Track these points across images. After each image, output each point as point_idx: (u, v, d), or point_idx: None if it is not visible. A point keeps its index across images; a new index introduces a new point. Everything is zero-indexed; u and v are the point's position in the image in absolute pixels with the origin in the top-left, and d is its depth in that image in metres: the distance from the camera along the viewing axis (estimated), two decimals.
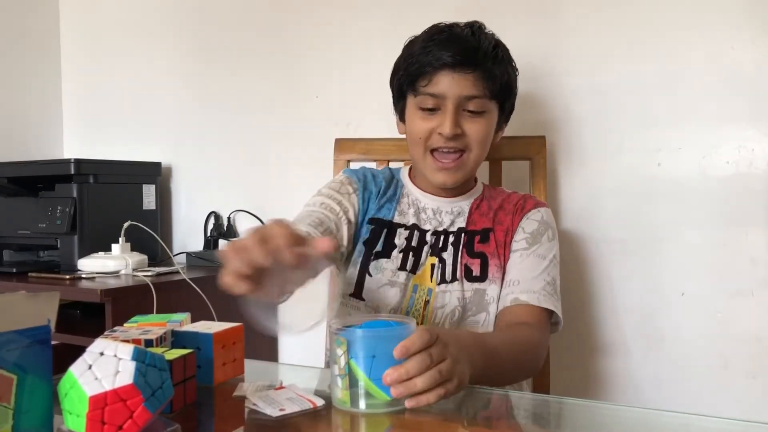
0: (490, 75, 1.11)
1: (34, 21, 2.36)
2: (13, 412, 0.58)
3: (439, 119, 1.12)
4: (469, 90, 1.11)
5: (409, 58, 1.15)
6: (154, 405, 0.61)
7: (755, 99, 1.41)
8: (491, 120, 1.16)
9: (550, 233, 1.20)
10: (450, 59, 1.09)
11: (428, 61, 1.11)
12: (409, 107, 1.18)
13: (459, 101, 1.11)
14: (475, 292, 1.15)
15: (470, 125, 1.13)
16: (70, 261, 1.82)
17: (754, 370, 1.42)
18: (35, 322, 0.61)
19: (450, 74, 1.10)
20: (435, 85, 1.11)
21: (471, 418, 0.80)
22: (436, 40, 1.13)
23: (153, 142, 2.22)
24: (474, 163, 1.17)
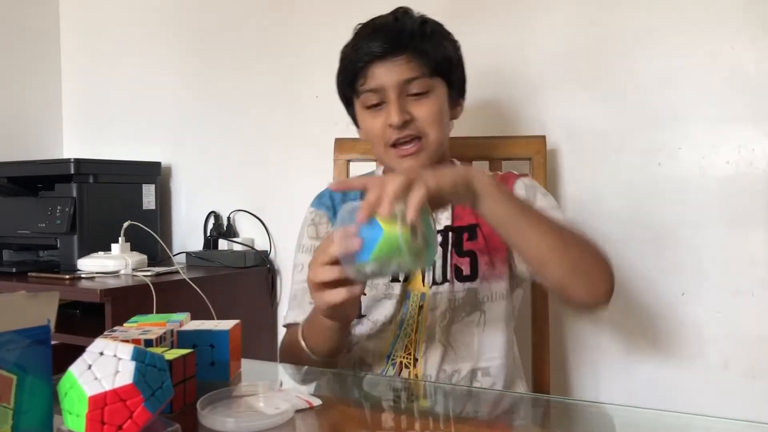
0: (422, 53, 1.09)
1: (34, 21, 2.36)
2: (13, 412, 0.58)
3: (386, 111, 1.10)
4: (406, 73, 1.08)
5: (344, 62, 1.15)
6: (154, 405, 0.61)
7: (755, 99, 1.40)
8: (440, 97, 1.13)
9: (541, 191, 1.19)
10: (378, 49, 1.08)
11: (358, 58, 1.10)
12: (358, 110, 1.17)
13: (399, 88, 1.08)
14: (467, 291, 1.13)
15: (418, 108, 1.10)
16: (70, 261, 1.82)
17: (755, 370, 1.42)
18: (35, 322, 0.60)
19: (382, 65, 1.08)
20: (372, 80, 1.09)
21: (470, 417, 0.80)
22: (361, 35, 1.13)
23: (153, 142, 2.22)
24: (436, 144, 1.13)
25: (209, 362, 0.84)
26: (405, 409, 0.73)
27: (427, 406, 0.76)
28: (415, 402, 0.85)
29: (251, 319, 1.85)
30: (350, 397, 0.87)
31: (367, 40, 1.10)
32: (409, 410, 0.73)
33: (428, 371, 1.11)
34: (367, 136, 1.17)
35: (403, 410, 0.74)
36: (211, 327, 0.87)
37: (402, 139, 1.10)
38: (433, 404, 0.80)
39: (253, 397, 0.77)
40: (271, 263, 1.99)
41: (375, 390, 0.89)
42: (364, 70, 1.10)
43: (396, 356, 1.12)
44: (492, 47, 1.64)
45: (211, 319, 0.92)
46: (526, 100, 1.62)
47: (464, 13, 1.67)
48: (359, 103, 1.14)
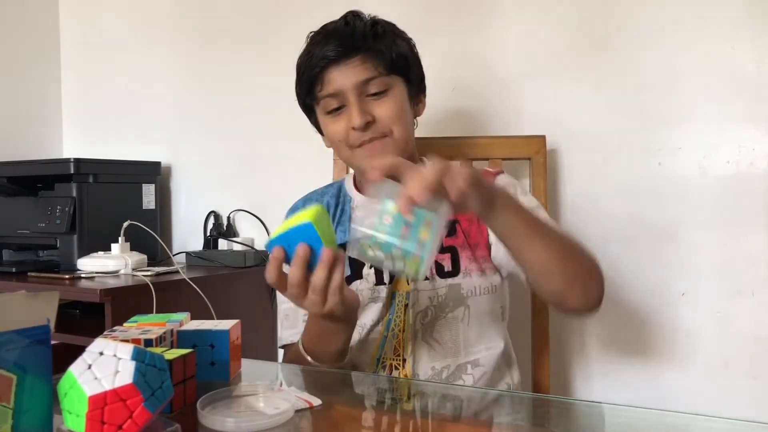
0: (375, 53, 1.09)
1: (34, 21, 2.36)
2: (13, 412, 0.58)
3: (347, 114, 1.10)
4: (362, 74, 1.08)
5: (299, 70, 1.15)
6: (154, 405, 0.61)
7: (755, 99, 1.40)
8: (399, 95, 1.12)
9: (518, 189, 1.17)
10: (331, 53, 1.08)
11: (313, 65, 1.10)
12: (319, 116, 1.16)
13: (358, 89, 1.09)
14: (450, 287, 1.12)
15: (379, 108, 1.10)
16: (70, 261, 1.82)
17: (755, 370, 1.42)
18: (35, 321, 0.60)
19: (337, 68, 1.09)
20: (329, 85, 1.10)
21: (470, 418, 0.80)
22: (313, 42, 1.13)
23: (152, 142, 2.22)
24: (402, 141, 1.12)
25: (209, 362, 0.84)
26: (404, 409, 0.73)
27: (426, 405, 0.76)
28: (415, 402, 0.85)
29: (251, 319, 1.85)
30: (350, 397, 0.87)
31: (320, 45, 1.10)
32: (408, 410, 0.73)
33: (417, 370, 1.10)
34: (331, 141, 1.16)
35: (402, 410, 0.73)
36: (211, 327, 0.87)
37: (366, 140, 1.10)
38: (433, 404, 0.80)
39: (253, 397, 0.77)
40: None
41: (375, 390, 0.89)
42: (320, 75, 1.10)
43: (385, 358, 1.12)
44: (492, 47, 1.64)
45: (211, 319, 0.92)
46: (525, 100, 1.62)
47: (465, 13, 1.67)
48: (320, 109, 1.14)
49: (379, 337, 1.12)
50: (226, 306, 1.74)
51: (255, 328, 1.89)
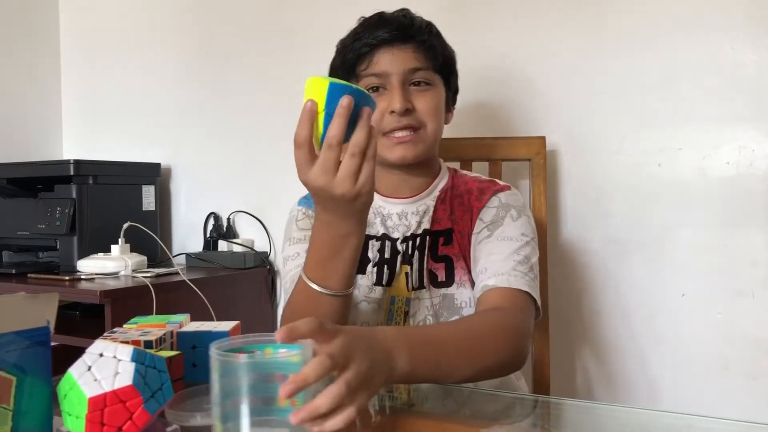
0: (429, 47, 1.10)
1: (34, 22, 2.36)
2: (13, 413, 0.58)
3: (388, 98, 1.08)
4: (412, 62, 1.08)
5: (344, 50, 1.13)
6: (154, 406, 0.61)
7: (756, 99, 1.40)
8: (440, 93, 1.13)
9: (513, 213, 1.11)
10: (387, 35, 1.07)
11: (364, 43, 1.09)
12: None
13: (404, 76, 1.08)
14: (444, 297, 1.10)
15: (419, 99, 1.09)
16: (70, 262, 1.82)
17: (755, 371, 1.42)
18: (34, 323, 0.60)
19: (389, 50, 1.08)
20: (376, 65, 1.08)
21: (470, 418, 0.80)
22: (367, 24, 1.12)
23: (152, 143, 2.22)
24: (432, 138, 1.11)
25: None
26: (404, 410, 0.73)
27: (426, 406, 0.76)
28: (415, 402, 0.85)
29: (251, 320, 1.85)
30: None
31: (373, 28, 1.09)
32: (408, 410, 0.73)
33: None
34: None
35: (402, 410, 0.73)
36: (210, 328, 0.87)
37: (399, 127, 1.08)
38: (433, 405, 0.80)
39: None
40: (270, 264, 1.98)
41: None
42: (368, 55, 1.09)
43: None
44: (492, 48, 1.64)
45: (210, 321, 0.92)
46: (526, 100, 1.62)
47: (465, 14, 1.67)
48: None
49: None
50: (226, 307, 1.74)
51: (255, 330, 1.89)
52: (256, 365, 0.60)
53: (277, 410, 0.61)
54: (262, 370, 0.60)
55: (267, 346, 0.65)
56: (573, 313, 1.57)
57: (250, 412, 0.59)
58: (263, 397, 0.60)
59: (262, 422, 0.60)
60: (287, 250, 1.18)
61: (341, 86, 0.76)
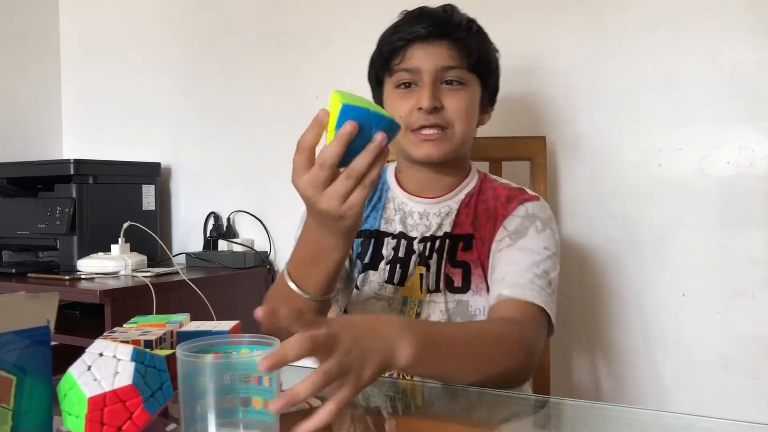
0: (465, 45, 1.07)
1: (34, 21, 2.36)
2: (13, 413, 0.58)
3: (417, 95, 1.06)
4: (445, 60, 1.06)
5: (381, 42, 1.12)
6: (154, 406, 0.61)
7: (755, 99, 1.40)
8: (473, 94, 1.10)
9: (539, 224, 1.08)
10: (422, 30, 1.06)
11: (399, 37, 1.08)
12: (387, 90, 1.13)
13: (435, 73, 1.06)
14: (458, 303, 1.07)
15: (450, 99, 1.06)
16: (70, 262, 1.82)
17: (755, 370, 1.42)
18: (34, 322, 0.60)
19: (423, 46, 1.06)
20: (409, 60, 1.07)
21: (471, 418, 0.80)
22: (406, 18, 1.11)
23: (152, 143, 2.22)
24: (460, 139, 1.08)
25: None
26: (404, 410, 0.73)
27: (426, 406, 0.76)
28: (414, 403, 0.85)
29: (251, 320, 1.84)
30: None
31: (412, 22, 1.08)
32: (408, 411, 0.73)
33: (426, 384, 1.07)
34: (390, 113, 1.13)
35: (402, 411, 0.73)
36: (210, 328, 0.87)
37: (426, 125, 1.06)
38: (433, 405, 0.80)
39: None
40: (270, 264, 1.98)
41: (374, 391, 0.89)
42: (403, 49, 1.07)
43: None
44: None
45: (210, 320, 0.92)
46: (526, 100, 1.62)
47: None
48: (390, 82, 1.11)
49: None
50: (226, 307, 1.74)
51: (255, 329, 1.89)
52: (221, 366, 0.60)
53: (246, 411, 0.61)
54: (229, 370, 0.60)
55: (243, 347, 0.66)
56: (573, 313, 1.57)
57: (217, 413, 0.60)
58: (232, 398, 0.61)
59: (230, 424, 0.60)
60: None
61: (354, 108, 0.74)
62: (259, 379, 0.61)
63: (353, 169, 0.76)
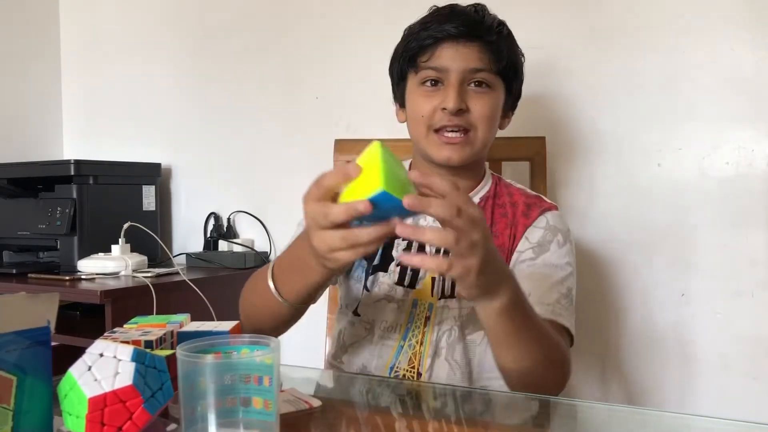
0: (495, 48, 1.05)
1: (34, 22, 2.36)
2: (13, 413, 0.58)
3: (442, 95, 1.05)
4: (474, 62, 1.04)
5: (408, 37, 1.10)
6: (154, 406, 0.61)
7: (755, 99, 1.40)
8: (498, 98, 1.09)
9: (560, 238, 1.08)
10: (453, 30, 1.04)
11: (429, 35, 1.05)
12: (410, 86, 1.11)
13: (463, 75, 1.04)
14: (472, 310, 1.04)
15: (475, 101, 1.05)
16: (70, 262, 1.82)
17: (755, 370, 1.42)
18: (35, 323, 0.60)
19: (453, 46, 1.04)
20: (437, 59, 1.05)
21: (471, 419, 0.80)
22: (437, 15, 1.08)
23: (153, 143, 2.22)
24: (481, 143, 1.08)
25: None
26: (405, 411, 0.73)
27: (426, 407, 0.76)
28: (415, 403, 0.85)
29: None
30: (350, 399, 0.87)
31: (442, 20, 1.06)
32: (408, 412, 0.73)
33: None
34: (412, 114, 1.10)
35: (403, 412, 0.73)
36: (211, 328, 0.87)
37: (449, 126, 1.05)
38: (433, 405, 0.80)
39: None
40: None
41: (375, 391, 0.89)
42: (432, 47, 1.05)
43: (399, 368, 1.07)
44: None
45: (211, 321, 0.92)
46: (526, 100, 1.62)
47: None
48: (415, 79, 1.09)
49: (395, 345, 1.08)
50: (226, 307, 1.73)
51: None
52: (221, 366, 0.60)
53: (247, 411, 0.61)
54: (229, 371, 0.60)
55: (243, 347, 0.65)
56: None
57: (217, 413, 0.60)
58: (232, 398, 0.61)
59: (230, 424, 0.60)
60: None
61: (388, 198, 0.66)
62: (260, 380, 0.61)
63: (354, 237, 0.72)
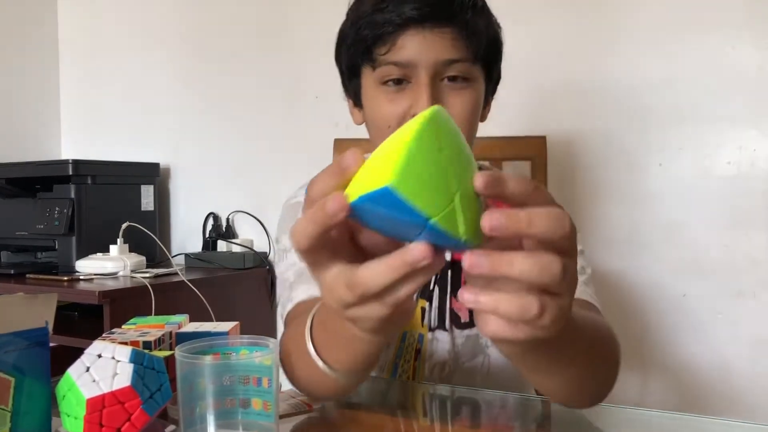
0: (472, 30, 0.83)
1: (33, 22, 2.35)
2: (11, 414, 0.58)
3: (411, 96, 0.84)
4: (448, 52, 0.82)
5: (358, 21, 0.86)
6: (153, 407, 0.60)
7: (756, 99, 1.40)
8: (478, 91, 0.88)
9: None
10: (416, 12, 0.81)
11: (386, 19, 0.82)
12: (367, 85, 0.89)
13: (435, 69, 0.83)
14: (467, 338, 0.96)
15: (453, 101, 0.84)
16: (68, 262, 1.81)
17: (757, 371, 1.42)
18: (33, 323, 0.60)
19: (419, 33, 0.82)
20: (400, 50, 0.82)
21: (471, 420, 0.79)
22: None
23: (151, 143, 2.21)
24: None
25: None
26: (404, 413, 0.73)
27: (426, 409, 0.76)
28: (415, 405, 0.85)
29: (250, 321, 1.85)
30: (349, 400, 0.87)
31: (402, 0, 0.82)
32: (408, 413, 0.73)
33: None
34: (374, 122, 0.90)
35: (402, 413, 0.73)
36: (210, 329, 0.86)
37: None
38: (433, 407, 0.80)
39: None
40: (270, 264, 1.98)
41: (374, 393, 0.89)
42: (392, 36, 0.82)
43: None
44: None
45: (210, 321, 0.92)
46: (526, 100, 1.62)
47: None
48: (373, 77, 0.87)
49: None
50: (225, 308, 1.73)
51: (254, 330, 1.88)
52: (220, 367, 0.60)
53: (246, 413, 0.61)
54: (228, 372, 0.60)
55: (242, 348, 0.65)
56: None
57: (216, 414, 0.59)
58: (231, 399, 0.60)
59: (229, 425, 0.60)
60: (285, 241, 1.01)
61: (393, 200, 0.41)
62: (258, 381, 0.61)
63: (358, 283, 0.46)
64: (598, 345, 0.69)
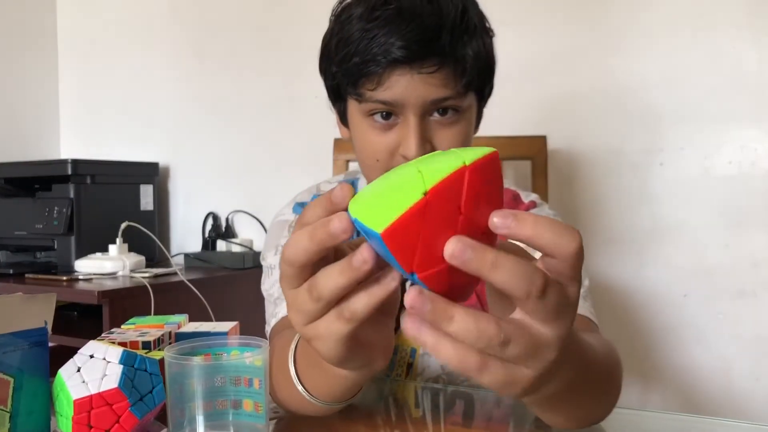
0: (462, 64, 0.80)
1: (32, 21, 2.35)
2: (10, 414, 0.58)
3: (399, 133, 0.82)
4: (437, 91, 0.79)
5: (344, 44, 0.82)
6: (142, 410, 0.60)
7: (758, 99, 1.40)
8: (470, 120, 0.86)
9: None
10: (402, 53, 0.76)
11: (372, 55, 0.78)
12: (354, 112, 0.87)
13: (424, 108, 0.80)
14: None
15: (443, 134, 0.82)
16: (67, 262, 1.81)
17: (758, 371, 1.41)
18: (32, 324, 0.60)
19: (407, 73, 0.78)
20: (388, 90, 0.79)
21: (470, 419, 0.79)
22: (379, 18, 0.78)
23: (151, 143, 2.21)
24: None
25: None
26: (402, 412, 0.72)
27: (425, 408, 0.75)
28: (413, 404, 0.85)
29: (250, 321, 1.84)
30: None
31: (389, 29, 0.77)
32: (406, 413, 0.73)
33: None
34: (362, 153, 0.88)
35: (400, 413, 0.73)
36: (209, 329, 0.86)
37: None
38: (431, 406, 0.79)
39: None
40: None
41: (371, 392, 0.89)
42: (379, 74, 0.79)
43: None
44: None
45: (209, 321, 0.91)
46: (527, 100, 1.61)
47: None
48: (360, 108, 0.84)
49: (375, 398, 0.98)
50: (225, 308, 1.73)
51: (254, 330, 1.88)
52: (210, 368, 0.59)
53: (237, 414, 0.60)
54: (218, 372, 0.59)
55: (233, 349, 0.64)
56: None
57: (207, 416, 0.59)
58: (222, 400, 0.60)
59: (220, 426, 0.60)
60: (272, 258, 1.00)
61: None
62: (250, 382, 0.61)
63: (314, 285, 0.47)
64: (605, 378, 0.67)
